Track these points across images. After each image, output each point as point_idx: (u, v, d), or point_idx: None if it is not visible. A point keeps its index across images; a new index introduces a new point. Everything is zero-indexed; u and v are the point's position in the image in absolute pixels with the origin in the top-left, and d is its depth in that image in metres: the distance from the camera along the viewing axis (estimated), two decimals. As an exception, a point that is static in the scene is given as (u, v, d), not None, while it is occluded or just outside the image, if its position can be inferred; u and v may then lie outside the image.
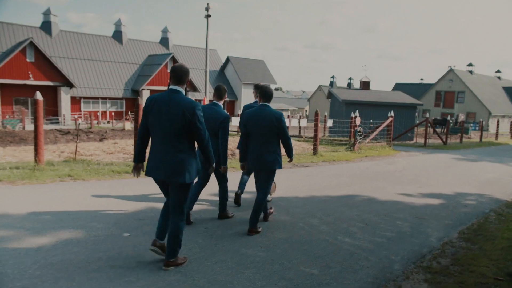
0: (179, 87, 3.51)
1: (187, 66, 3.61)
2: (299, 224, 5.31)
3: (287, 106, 63.06)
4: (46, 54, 35.59)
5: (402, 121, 20.94)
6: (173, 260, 3.63)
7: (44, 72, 36.03)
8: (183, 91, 3.52)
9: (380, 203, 6.75)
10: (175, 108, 3.39)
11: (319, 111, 13.05)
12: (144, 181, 7.39)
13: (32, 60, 35.50)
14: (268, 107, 4.76)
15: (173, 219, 3.59)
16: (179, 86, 3.50)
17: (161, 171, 3.46)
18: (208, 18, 26.19)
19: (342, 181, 8.55)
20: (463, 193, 8.00)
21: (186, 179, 3.45)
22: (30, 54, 35.32)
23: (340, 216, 5.79)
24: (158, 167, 3.47)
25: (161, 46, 48.66)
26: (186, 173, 3.45)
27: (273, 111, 4.71)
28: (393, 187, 8.25)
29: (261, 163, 4.73)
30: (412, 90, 48.57)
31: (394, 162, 12.34)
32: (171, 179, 3.46)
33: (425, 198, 7.38)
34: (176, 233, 3.58)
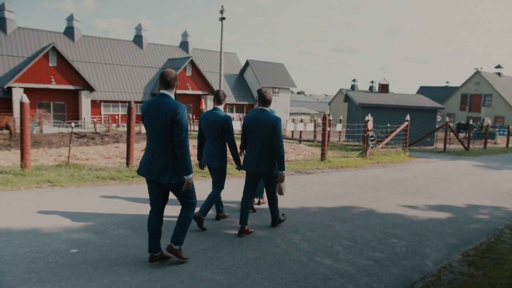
0: (168, 91, 3.68)
1: (174, 71, 3.75)
2: (276, 240, 4.74)
3: (308, 110, 62.31)
4: (67, 59, 36.30)
5: (422, 126, 19.93)
6: (177, 247, 3.83)
7: (66, 76, 36.76)
8: (171, 95, 3.68)
9: (377, 217, 6.09)
10: (162, 111, 3.56)
11: (327, 115, 12.40)
12: (125, 189, 7.00)
13: (55, 64, 36.29)
14: (265, 111, 4.79)
15: (182, 211, 3.84)
16: (167, 91, 3.68)
17: (151, 171, 3.64)
18: (223, 21, 25.87)
19: (342, 191, 7.90)
20: (476, 206, 7.21)
21: (176, 179, 3.59)
22: (53, 58, 36.13)
23: (327, 232, 5.18)
24: (148, 168, 3.67)
25: (181, 50, 48.92)
26: (174, 174, 3.60)
27: (270, 116, 4.72)
28: (398, 197, 7.54)
29: (258, 167, 4.75)
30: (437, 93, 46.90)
31: (406, 169, 11.53)
32: (160, 180, 3.61)
33: (431, 211, 6.65)
34: (184, 222, 3.81)
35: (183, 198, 3.78)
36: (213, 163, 5.05)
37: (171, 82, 3.68)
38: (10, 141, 19.76)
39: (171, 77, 3.68)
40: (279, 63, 51.92)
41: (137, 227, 4.90)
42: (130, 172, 8.32)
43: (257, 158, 4.74)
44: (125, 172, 8.28)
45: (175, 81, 3.70)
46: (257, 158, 4.74)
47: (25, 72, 34.75)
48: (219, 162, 5.04)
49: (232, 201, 6.46)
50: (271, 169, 4.77)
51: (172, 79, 3.68)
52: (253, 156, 4.76)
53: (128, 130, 9.01)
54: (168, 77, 3.67)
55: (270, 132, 4.66)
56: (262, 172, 4.79)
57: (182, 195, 3.75)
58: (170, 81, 3.67)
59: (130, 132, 9.00)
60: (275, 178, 4.88)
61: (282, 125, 5.53)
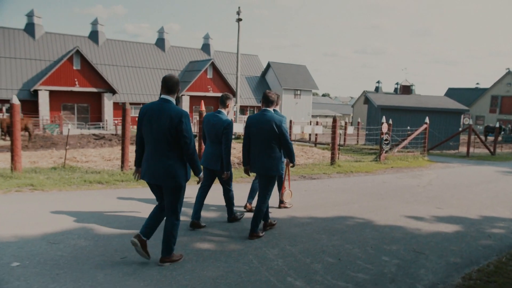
0: (170, 96, 3.67)
1: (176, 77, 3.72)
2: (248, 256, 4.24)
3: (331, 113, 61.26)
4: (91, 62, 36.99)
5: (445, 129, 18.87)
6: (168, 256, 3.85)
7: (89, 79, 37.48)
8: (173, 100, 3.68)
9: (374, 229, 5.48)
10: (164, 117, 3.55)
11: (338, 118, 11.76)
12: (107, 194, 6.67)
13: (79, 67, 37.06)
14: (269, 112, 4.73)
15: (167, 218, 3.81)
16: (169, 96, 3.67)
17: (153, 175, 3.69)
18: (240, 22, 25.54)
19: (343, 198, 7.30)
20: (492, 218, 6.45)
21: (176, 183, 3.64)
22: (77, 62, 36.92)
23: (310, 247, 4.64)
24: (150, 172, 3.70)
25: (202, 53, 49.07)
26: (175, 177, 3.64)
27: (273, 116, 4.65)
28: (403, 207, 6.87)
29: (260, 168, 4.71)
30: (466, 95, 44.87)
31: (421, 175, 10.73)
32: (162, 183, 3.68)
33: (438, 223, 5.97)
34: (170, 230, 3.79)
35: (173, 204, 3.76)
36: (213, 165, 5.00)
37: (173, 87, 3.67)
38: (28, 143, 20.10)
39: (173, 82, 3.66)
40: (301, 65, 51.19)
41: (99, 237, 4.52)
42: (121, 176, 8.02)
43: (261, 160, 4.69)
44: (117, 176, 7.99)
45: (177, 86, 3.69)
46: (261, 159, 4.69)
47: (50, 75, 35.65)
48: (220, 165, 4.96)
49: (213, 206, 6.02)
50: (272, 171, 4.70)
51: (175, 84, 3.67)
52: (258, 158, 4.72)
53: (122, 132, 8.73)
54: (170, 82, 3.65)
55: (275, 133, 4.60)
56: (264, 173, 4.73)
57: (173, 201, 3.75)
58: (172, 86, 3.66)
59: (125, 134, 8.73)
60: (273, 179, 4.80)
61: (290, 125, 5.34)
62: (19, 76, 36.58)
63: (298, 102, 48.43)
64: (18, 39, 38.63)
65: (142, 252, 3.76)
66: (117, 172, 8.40)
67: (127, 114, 8.73)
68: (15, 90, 35.59)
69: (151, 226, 3.84)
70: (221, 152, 4.91)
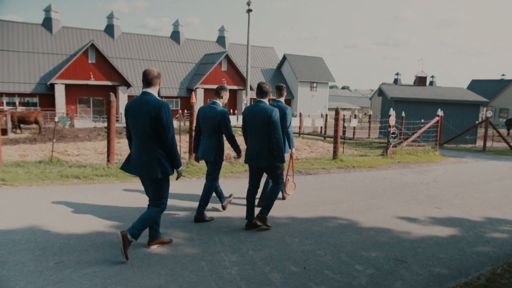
0: (150, 89, 3.71)
1: (157, 70, 3.74)
2: (200, 262, 3.79)
3: (349, 105, 60.07)
4: (105, 55, 37.14)
5: (462, 122, 17.89)
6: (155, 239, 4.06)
7: (104, 72, 37.67)
8: (154, 93, 3.71)
9: (356, 232, 4.93)
10: (144, 109, 3.59)
11: (340, 109, 11.12)
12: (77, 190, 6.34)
13: (94, 61, 37.29)
14: (263, 103, 4.67)
15: (150, 207, 3.86)
16: (150, 89, 3.71)
17: (136, 168, 3.74)
18: (250, 13, 24.92)
19: (333, 196, 6.74)
20: (496, 220, 5.79)
21: (158, 175, 3.66)
22: (92, 55, 37.15)
23: (276, 252, 4.15)
24: (134, 165, 3.77)
25: (217, 45, 48.70)
26: (158, 170, 3.67)
27: (266, 107, 4.58)
28: (398, 206, 6.27)
29: (256, 159, 4.66)
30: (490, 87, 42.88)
31: (429, 170, 10.02)
32: (144, 175, 3.72)
33: (433, 225, 5.36)
34: (147, 217, 3.77)
35: (156, 196, 3.82)
36: (208, 157, 4.99)
37: (153, 80, 3.70)
38: (38, 136, 20.23)
39: (152, 75, 3.69)
40: (318, 57, 50.12)
41: (42, 239, 4.16)
42: (105, 170, 7.70)
43: (255, 151, 4.64)
44: (100, 170, 7.68)
45: (157, 79, 3.71)
46: (255, 150, 4.64)
47: (66, 69, 36.00)
48: (214, 156, 4.97)
49: (185, 204, 5.60)
50: (271, 162, 4.61)
51: (154, 78, 3.70)
52: (252, 149, 4.69)
53: (108, 125, 8.40)
54: (149, 75, 3.69)
55: (267, 124, 4.51)
56: (263, 165, 4.67)
57: (156, 193, 3.81)
58: (152, 80, 3.69)
59: (110, 127, 8.39)
60: (277, 170, 4.69)
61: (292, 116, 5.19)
62: (36, 70, 37.13)
63: (314, 94, 47.52)
64: (36, 34, 39.22)
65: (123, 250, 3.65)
66: (101, 166, 8.08)
67: (112, 107, 8.39)
68: (32, 84, 36.21)
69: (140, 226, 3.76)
70: (216, 144, 4.96)
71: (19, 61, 36.70)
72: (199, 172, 8.26)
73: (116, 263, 3.64)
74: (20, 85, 35.71)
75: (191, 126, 9.08)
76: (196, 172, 8.21)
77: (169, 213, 5.24)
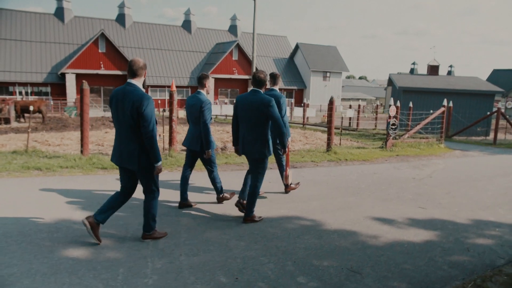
0: (134, 80, 3.65)
1: (142, 61, 3.68)
2: (118, 269, 3.31)
3: (364, 96, 58.73)
4: (115, 45, 37.05)
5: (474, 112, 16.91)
6: (149, 233, 3.95)
7: (114, 62, 37.65)
8: (138, 84, 3.65)
9: (317, 235, 4.38)
10: (127, 100, 3.55)
11: (334, 99, 10.45)
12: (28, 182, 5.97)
13: (104, 50, 37.29)
14: (258, 92, 4.52)
15: (145, 197, 3.90)
16: (134, 80, 3.65)
17: (119, 158, 3.73)
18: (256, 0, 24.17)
19: (309, 193, 6.18)
20: (486, 222, 5.13)
21: (137, 166, 3.65)
22: (102, 45, 37.15)
23: (213, 259, 3.65)
24: (116, 155, 3.76)
25: (229, 34, 48.07)
26: (139, 160, 3.65)
27: (262, 97, 4.44)
28: (377, 205, 5.67)
29: (247, 150, 4.56)
30: None
31: (427, 165, 9.30)
32: (127, 166, 3.70)
33: (409, 228, 4.76)
34: (148, 208, 3.87)
35: (147, 184, 3.81)
36: (194, 146, 4.96)
37: (138, 71, 3.64)
38: (42, 125, 20.22)
39: (137, 66, 3.63)
40: (332, 46, 48.90)
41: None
42: (75, 162, 7.34)
43: (248, 141, 4.53)
44: (70, 162, 7.32)
45: (142, 70, 3.66)
46: (248, 141, 4.53)
47: (77, 59, 36.11)
48: (200, 146, 4.91)
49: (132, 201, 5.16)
50: (263, 153, 4.51)
51: (139, 68, 3.64)
52: (245, 139, 4.56)
53: (81, 114, 8.02)
54: (134, 66, 3.62)
55: (264, 113, 4.38)
56: (253, 157, 4.55)
57: (147, 182, 3.80)
58: (137, 70, 3.63)
59: (83, 117, 8.01)
60: (262, 163, 4.59)
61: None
62: (48, 60, 37.37)
63: (327, 84, 46.47)
64: (48, 23, 39.41)
65: (92, 235, 3.73)
66: (74, 157, 7.72)
67: (85, 95, 7.99)
68: (44, 73, 36.49)
69: (105, 209, 3.79)
70: (201, 133, 4.84)
71: (31, 51, 36.97)
72: (175, 164, 7.82)
73: (17, 269, 3.21)
74: (32, 74, 36.02)
75: (171, 116, 8.62)
76: (171, 164, 7.77)
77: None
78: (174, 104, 8.67)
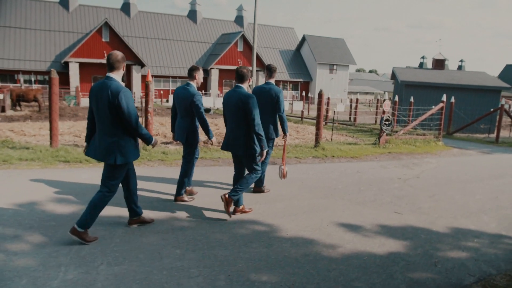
0: (113, 73, 3.61)
1: (120, 54, 3.65)
2: (21, 280, 2.92)
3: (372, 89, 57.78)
4: (119, 34, 36.70)
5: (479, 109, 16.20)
6: (81, 231, 3.61)
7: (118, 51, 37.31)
8: (116, 77, 3.61)
9: (267, 244, 3.93)
10: (105, 95, 3.51)
11: (323, 92, 9.93)
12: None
13: (107, 40, 36.96)
14: (240, 88, 4.48)
15: (100, 190, 3.73)
16: (112, 73, 3.61)
17: (96, 152, 3.68)
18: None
19: (275, 194, 5.70)
20: (464, 231, 4.62)
21: (116, 161, 3.59)
22: (106, 34, 36.82)
23: (137, 269, 3.23)
24: (94, 149, 3.71)
25: (235, 25, 47.38)
26: (116, 155, 3.60)
27: (242, 93, 4.39)
28: (348, 209, 5.19)
29: (231, 146, 4.54)
30: (526, 71, 39.60)
31: (418, 163, 8.76)
32: (101, 160, 3.68)
33: (376, 237, 4.28)
34: (94, 202, 3.66)
35: (107, 180, 3.72)
36: (181, 138, 4.94)
37: (114, 64, 3.59)
38: (38, 113, 20.02)
39: (114, 59, 3.59)
40: (339, 38, 47.91)
41: None
42: (40, 153, 6.98)
43: (232, 137, 4.50)
44: (34, 154, 6.97)
45: (119, 63, 3.62)
46: (232, 137, 4.50)
47: (80, 48, 35.86)
48: (186, 137, 4.89)
49: (68, 199, 4.75)
50: (246, 150, 4.44)
51: (116, 61, 3.60)
52: (229, 136, 4.56)
53: (49, 105, 7.63)
54: (110, 59, 3.59)
55: (243, 111, 4.33)
56: (238, 153, 4.52)
57: (108, 177, 3.71)
58: (113, 63, 3.59)
59: (52, 107, 7.63)
60: (252, 158, 4.50)
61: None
62: (52, 48, 37.23)
63: (333, 77, 45.62)
64: (53, 11, 39.21)
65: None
66: (40, 148, 7.36)
67: (54, 84, 7.58)
68: (48, 62, 36.38)
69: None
70: (188, 125, 4.86)
71: (36, 39, 36.84)
72: (145, 158, 7.42)
73: None
74: (36, 63, 35.93)
75: (147, 107, 8.19)
76: (141, 158, 7.36)
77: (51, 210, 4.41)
78: (151, 95, 8.24)
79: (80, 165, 6.66)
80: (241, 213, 4.70)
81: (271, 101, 5.25)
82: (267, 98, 5.24)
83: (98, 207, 3.67)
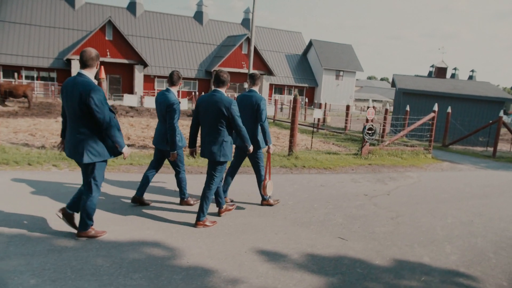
0: (85, 71, 3.56)
1: (94, 51, 3.63)
2: None
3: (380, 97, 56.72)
4: (122, 33, 36.45)
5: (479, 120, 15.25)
6: (83, 231, 3.72)
7: (121, 50, 37.06)
8: (89, 75, 3.55)
9: (154, 275, 3.21)
10: (75, 91, 3.45)
11: (299, 98, 9.18)
12: None
13: (111, 38, 36.74)
14: (219, 92, 4.36)
15: (84, 195, 3.70)
16: (85, 70, 3.56)
17: (68, 150, 3.66)
18: (257, -11, 22.89)
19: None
20: (413, 266, 3.83)
21: (85, 159, 3.54)
22: (109, 32, 36.60)
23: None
24: (66, 146, 3.69)
25: (242, 27, 46.89)
26: (86, 153, 3.55)
27: (223, 98, 4.28)
28: (282, 231, 4.44)
29: (205, 152, 4.43)
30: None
31: (396, 178, 7.93)
32: (73, 158, 3.64)
33: (297, 271, 3.52)
34: (84, 207, 3.66)
35: (88, 180, 3.66)
36: (161, 145, 4.81)
37: (87, 62, 3.54)
38: (27, 110, 19.64)
39: (87, 56, 3.53)
40: (347, 44, 47.00)
41: None
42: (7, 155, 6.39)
43: (207, 143, 4.40)
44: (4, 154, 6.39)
45: (93, 61, 3.59)
46: (207, 143, 4.40)
47: (83, 45, 35.61)
48: (166, 144, 4.74)
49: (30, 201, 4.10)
50: (217, 156, 4.33)
51: (90, 59, 3.55)
52: (205, 141, 4.44)
53: None
54: (84, 56, 3.53)
55: (223, 116, 4.23)
56: (211, 159, 4.42)
57: (89, 177, 3.65)
58: (87, 61, 3.54)
59: None
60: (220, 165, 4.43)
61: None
62: (56, 45, 37.14)
63: (339, 83, 44.73)
64: (59, 9, 39.20)
65: (69, 224, 3.78)
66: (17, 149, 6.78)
67: None
68: (51, 58, 36.29)
69: (77, 200, 3.78)
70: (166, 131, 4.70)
71: (40, 36, 36.82)
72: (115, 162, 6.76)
73: None
74: (39, 59, 35.86)
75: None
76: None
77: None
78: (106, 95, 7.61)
79: (6, 167, 6.04)
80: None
81: (252, 108, 4.96)
82: (249, 106, 4.97)
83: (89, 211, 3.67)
